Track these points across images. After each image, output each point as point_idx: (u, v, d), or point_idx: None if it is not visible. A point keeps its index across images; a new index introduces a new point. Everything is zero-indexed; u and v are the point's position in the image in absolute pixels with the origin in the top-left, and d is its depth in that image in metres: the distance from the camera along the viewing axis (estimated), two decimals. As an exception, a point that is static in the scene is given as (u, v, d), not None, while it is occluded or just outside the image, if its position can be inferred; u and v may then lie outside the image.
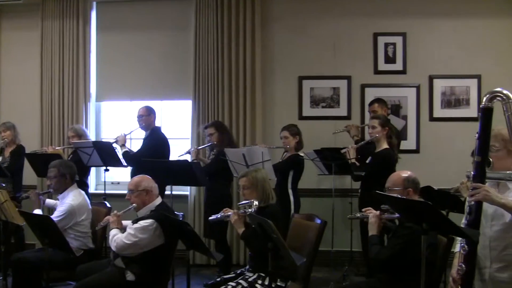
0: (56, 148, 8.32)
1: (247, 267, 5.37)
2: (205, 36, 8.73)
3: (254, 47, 8.69)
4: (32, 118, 9.18)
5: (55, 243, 5.33)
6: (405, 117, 8.70)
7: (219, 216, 5.41)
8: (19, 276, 5.84)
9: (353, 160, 7.22)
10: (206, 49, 8.74)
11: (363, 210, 5.06)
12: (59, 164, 6.36)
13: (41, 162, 7.48)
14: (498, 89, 3.61)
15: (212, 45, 8.71)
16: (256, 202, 5.11)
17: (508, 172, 3.72)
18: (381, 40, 8.76)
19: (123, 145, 7.85)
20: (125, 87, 9.23)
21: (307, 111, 8.84)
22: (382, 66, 8.76)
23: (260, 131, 8.68)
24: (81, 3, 9.03)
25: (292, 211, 7.06)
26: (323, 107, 8.82)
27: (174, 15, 9.09)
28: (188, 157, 7.65)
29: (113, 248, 5.24)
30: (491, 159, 3.70)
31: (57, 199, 6.40)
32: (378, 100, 7.96)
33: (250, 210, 5.03)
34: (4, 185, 7.54)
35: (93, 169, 8.74)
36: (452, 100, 8.65)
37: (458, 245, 3.92)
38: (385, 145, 7.02)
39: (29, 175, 8.32)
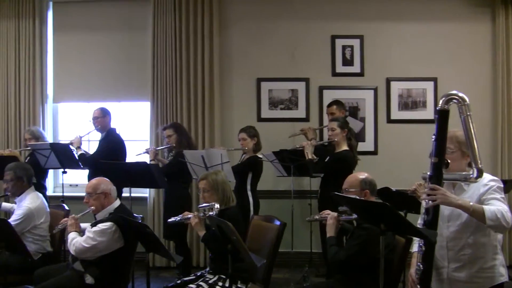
0: (13, 150, 8.17)
1: (208, 269, 5.37)
2: (163, 38, 8.68)
3: (212, 49, 8.66)
4: (-13, 120, 9.03)
5: (12, 247, 5.26)
6: (363, 119, 8.76)
7: (178, 218, 5.39)
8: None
9: (311, 156, 7.19)
10: (164, 50, 8.68)
11: (320, 213, 5.10)
12: (15, 166, 6.26)
13: (-3, 165, 7.36)
14: (454, 91, 3.66)
15: (170, 47, 8.66)
16: (217, 205, 5.07)
17: (463, 173, 3.78)
18: (339, 43, 8.80)
19: (78, 148, 7.76)
20: (83, 88, 9.09)
21: (266, 113, 8.84)
22: (340, 68, 8.80)
23: (219, 133, 8.66)
24: (37, 3, 8.89)
25: (252, 212, 7.07)
26: (281, 109, 8.83)
27: (132, 16, 8.99)
28: (146, 157, 7.62)
29: (72, 251, 5.16)
30: (448, 161, 3.77)
31: (14, 203, 6.31)
32: (337, 102, 7.99)
33: (211, 213, 4.99)
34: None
35: (50, 171, 8.61)
36: (409, 102, 8.74)
37: (416, 245, 3.99)
38: (345, 147, 7.04)
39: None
